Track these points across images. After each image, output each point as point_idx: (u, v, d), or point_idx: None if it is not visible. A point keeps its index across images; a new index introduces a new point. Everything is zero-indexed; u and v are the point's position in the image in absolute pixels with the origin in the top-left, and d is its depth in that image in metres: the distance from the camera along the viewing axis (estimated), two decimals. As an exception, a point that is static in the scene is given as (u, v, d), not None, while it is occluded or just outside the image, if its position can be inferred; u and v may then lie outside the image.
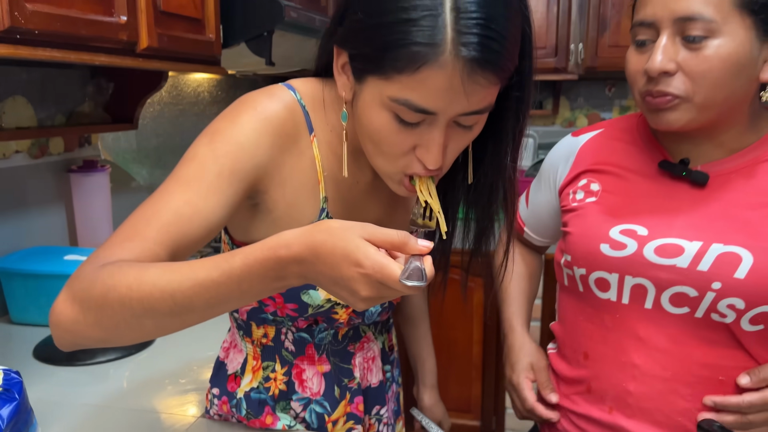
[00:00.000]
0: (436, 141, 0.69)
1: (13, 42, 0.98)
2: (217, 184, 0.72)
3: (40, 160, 1.56)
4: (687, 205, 0.87)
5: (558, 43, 2.51)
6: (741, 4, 0.78)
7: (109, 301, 0.62)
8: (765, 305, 0.81)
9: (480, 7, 0.62)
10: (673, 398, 0.87)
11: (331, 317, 0.87)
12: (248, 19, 1.62)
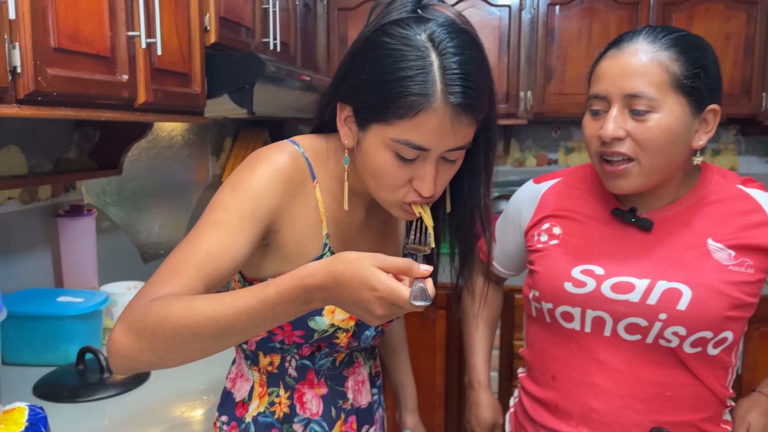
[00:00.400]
0: (429, 173, 0.84)
1: (36, 104, 1.08)
2: (240, 226, 0.85)
3: (29, 206, 1.62)
4: (636, 248, 1.04)
5: (509, 90, 2.73)
6: (677, 87, 0.96)
7: (161, 329, 0.74)
8: (702, 331, 0.97)
9: (460, 65, 0.80)
10: (629, 413, 1.02)
11: (333, 342, 0.99)
12: (231, 73, 1.74)
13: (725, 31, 2.59)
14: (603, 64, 1.01)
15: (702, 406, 1.03)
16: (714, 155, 3.04)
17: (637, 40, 0.98)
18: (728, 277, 0.98)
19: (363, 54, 0.85)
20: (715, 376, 1.02)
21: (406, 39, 0.81)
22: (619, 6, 2.63)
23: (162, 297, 0.77)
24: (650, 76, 0.96)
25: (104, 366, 1.34)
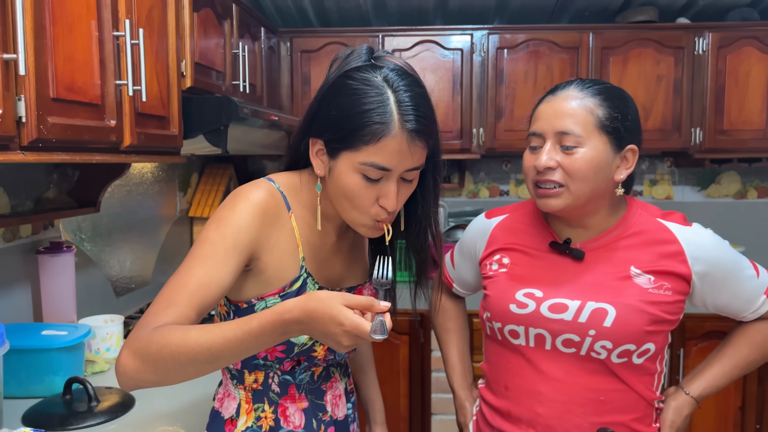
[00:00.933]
0: (393, 190, 0.99)
1: (38, 150, 1.17)
2: (225, 258, 0.98)
3: (11, 244, 1.68)
4: (570, 274, 1.19)
5: (462, 127, 2.92)
6: (599, 126, 1.13)
7: (163, 355, 0.88)
8: (626, 344, 1.12)
9: (411, 99, 0.97)
10: (569, 416, 1.16)
11: (312, 355, 1.11)
12: (206, 115, 1.86)
13: (656, 73, 2.85)
14: (540, 108, 1.19)
15: (632, 408, 1.17)
16: (651, 185, 3.29)
17: (569, 88, 1.16)
18: (648, 298, 1.14)
19: (330, 95, 1.01)
20: (642, 382, 1.18)
21: (366, 80, 0.98)
22: (561, 50, 2.86)
23: (162, 326, 0.90)
24: (578, 118, 1.13)
25: (92, 395, 1.41)
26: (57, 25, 1.20)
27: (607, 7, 3.00)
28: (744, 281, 1.19)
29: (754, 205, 3.27)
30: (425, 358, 2.75)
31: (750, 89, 2.82)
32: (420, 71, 2.91)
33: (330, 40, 2.92)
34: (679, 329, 2.64)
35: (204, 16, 1.96)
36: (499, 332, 1.23)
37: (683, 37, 2.83)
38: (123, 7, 1.45)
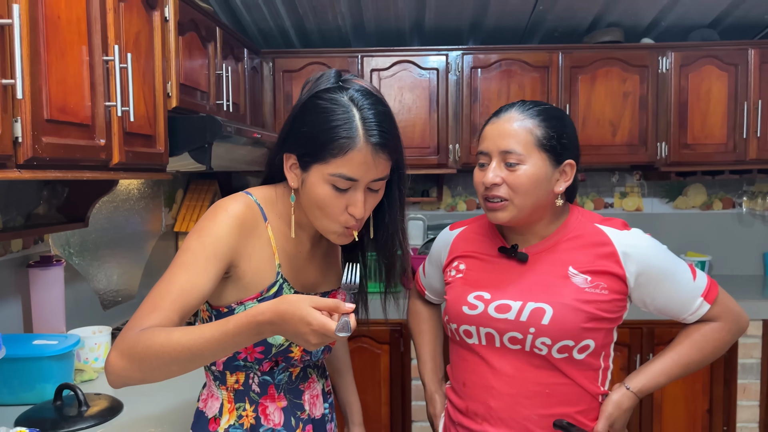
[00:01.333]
0: (360, 199, 1.09)
1: (32, 168, 1.25)
2: (205, 266, 1.07)
3: (3, 258, 1.75)
4: (515, 277, 1.29)
5: (439, 144, 3.03)
6: (538, 145, 1.24)
7: (148, 355, 0.97)
8: (564, 340, 1.22)
9: (375, 116, 1.07)
10: (518, 408, 1.25)
11: (288, 356, 1.19)
12: (191, 133, 1.94)
13: (623, 90, 2.99)
14: (486, 129, 1.30)
15: (576, 401, 1.27)
16: (622, 197, 3.42)
17: (511, 111, 1.28)
18: (584, 297, 1.23)
19: (301, 114, 1.11)
20: (586, 377, 1.27)
21: (333, 100, 1.08)
22: (532, 69, 2.99)
23: (147, 329, 0.99)
24: (519, 138, 1.25)
25: (82, 400, 1.48)
26: (50, 52, 1.29)
27: (575, 28, 3.15)
28: (679, 283, 1.28)
29: (720, 216, 3.41)
30: (405, 366, 2.83)
31: (711, 105, 2.97)
32: (397, 90, 3.05)
33: (311, 61, 3.03)
34: (648, 335, 2.76)
35: (189, 40, 2.06)
36: (456, 333, 1.33)
37: (647, 56, 2.98)
38: (112, 33, 1.54)
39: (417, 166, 3.06)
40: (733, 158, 2.99)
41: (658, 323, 2.75)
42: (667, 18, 3.05)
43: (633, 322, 2.74)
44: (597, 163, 3.07)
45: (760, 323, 2.74)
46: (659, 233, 3.34)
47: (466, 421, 1.32)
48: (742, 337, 2.74)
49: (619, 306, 1.27)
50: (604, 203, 3.42)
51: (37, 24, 1.25)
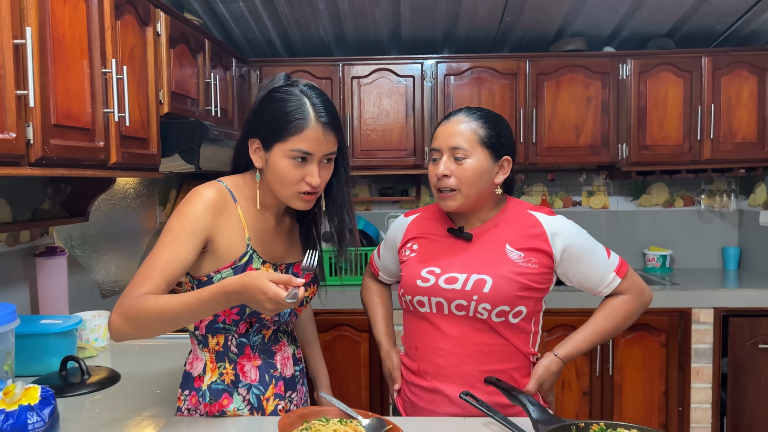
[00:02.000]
0: (315, 170, 1.33)
1: (42, 166, 1.46)
2: (185, 241, 1.30)
3: (13, 248, 1.96)
4: (461, 253, 1.51)
5: (416, 146, 3.25)
6: (481, 143, 1.47)
7: (140, 317, 1.20)
8: (501, 306, 1.43)
9: (322, 103, 1.33)
10: (463, 366, 1.46)
11: (261, 317, 1.40)
12: (181, 137, 2.16)
13: (586, 95, 3.21)
14: (438, 129, 1.53)
15: (511, 359, 1.48)
16: (589, 196, 3.63)
17: (459, 114, 1.51)
18: (518, 270, 1.45)
19: (261, 106, 1.36)
20: (519, 339, 1.48)
21: (288, 92, 1.34)
22: (501, 76, 3.21)
23: (140, 296, 1.22)
24: (465, 136, 1.47)
25: (84, 369, 1.68)
26: (57, 66, 1.51)
27: (541, 37, 3.37)
28: (597, 260, 1.50)
29: (681, 213, 3.63)
30: (383, 353, 3.04)
31: (668, 109, 3.19)
32: (376, 96, 3.28)
33: (296, 68, 3.24)
34: (608, 322, 2.96)
35: (179, 51, 2.27)
36: (410, 304, 1.54)
37: (609, 63, 3.20)
38: (110, 48, 1.76)
39: (395, 167, 3.28)
40: (689, 158, 3.21)
41: (617, 311, 2.95)
42: (627, 28, 3.27)
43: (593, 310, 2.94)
44: (563, 163, 3.28)
45: (712, 311, 2.95)
46: (624, 229, 3.58)
47: (417, 380, 1.53)
48: (696, 324, 2.95)
49: (546, 278, 1.49)
50: (572, 201, 3.64)
51: (46, 42, 1.46)
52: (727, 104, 3.17)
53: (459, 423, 1.40)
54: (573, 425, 1.20)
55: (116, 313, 1.23)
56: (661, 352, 2.99)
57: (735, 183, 3.58)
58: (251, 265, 1.37)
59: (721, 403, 3.00)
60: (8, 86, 1.33)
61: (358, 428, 1.29)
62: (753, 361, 2.92)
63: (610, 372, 2.98)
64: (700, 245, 3.62)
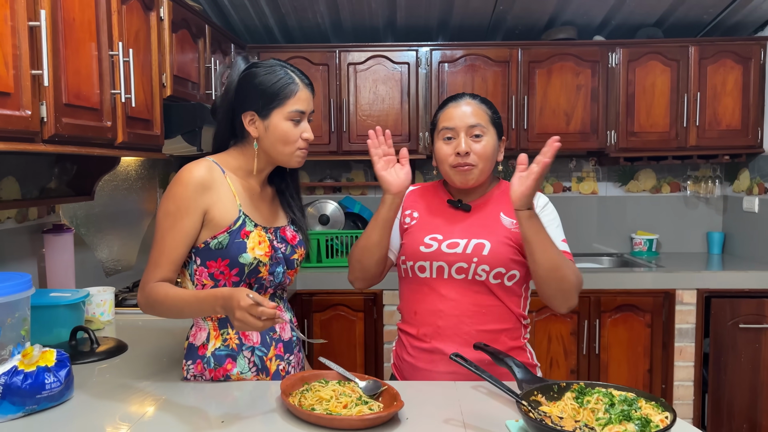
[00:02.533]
0: (308, 126, 1.51)
1: (54, 143, 1.54)
2: (183, 223, 1.44)
3: (22, 224, 2.04)
4: (461, 222, 1.60)
5: (410, 131, 3.33)
6: (491, 122, 1.58)
7: (156, 307, 1.43)
8: (498, 267, 1.53)
9: (298, 70, 1.51)
10: (461, 326, 1.56)
11: (258, 276, 1.49)
12: (183, 119, 2.23)
13: (576, 83, 3.30)
14: (448, 110, 1.61)
15: (505, 320, 1.58)
16: (579, 182, 3.73)
17: (466, 98, 1.61)
18: (512, 236, 1.56)
19: (246, 83, 1.48)
20: (512, 301, 1.59)
21: (268, 65, 1.50)
22: (494, 64, 3.29)
23: (154, 285, 1.41)
24: (480, 116, 1.58)
25: (93, 339, 1.77)
26: (68, 48, 1.58)
27: (533, 26, 3.45)
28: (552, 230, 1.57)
29: (667, 199, 3.73)
30: (378, 332, 3.14)
31: (656, 97, 3.28)
32: (372, 82, 3.36)
33: (293, 55, 3.31)
34: (595, 303, 3.07)
35: (181, 36, 2.34)
36: (410, 270, 1.63)
37: (598, 52, 3.28)
38: (116, 32, 1.83)
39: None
40: (675, 145, 3.30)
41: (604, 292, 3.07)
42: (616, 17, 3.35)
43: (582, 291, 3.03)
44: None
45: (695, 292, 3.06)
46: (613, 214, 3.69)
47: (417, 343, 1.62)
48: (680, 305, 3.06)
49: None
50: (562, 187, 3.73)
51: (57, 25, 1.53)
52: (712, 92, 3.27)
53: (450, 386, 1.49)
54: (555, 384, 1.29)
55: (140, 297, 1.45)
56: (645, 331, 3.09)
57: (720, 169, 3.68)
58: (245, 228, 1.47)
59: (703, 380, 3.12)
60: (24, 66, 1.40)
61: (355, 389, 1.37)
62: (734, 340, 3.03)
63: (597, 351, 3.09)
64: (686, 230, 3.72)
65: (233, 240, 1.45)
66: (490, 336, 1.55)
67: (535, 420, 1.14)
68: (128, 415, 1.33)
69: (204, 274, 1.48)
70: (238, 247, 1.45)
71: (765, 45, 3.25)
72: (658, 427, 1.10)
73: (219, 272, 1.47)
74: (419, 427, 1.26)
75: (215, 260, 1.46)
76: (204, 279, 1.48)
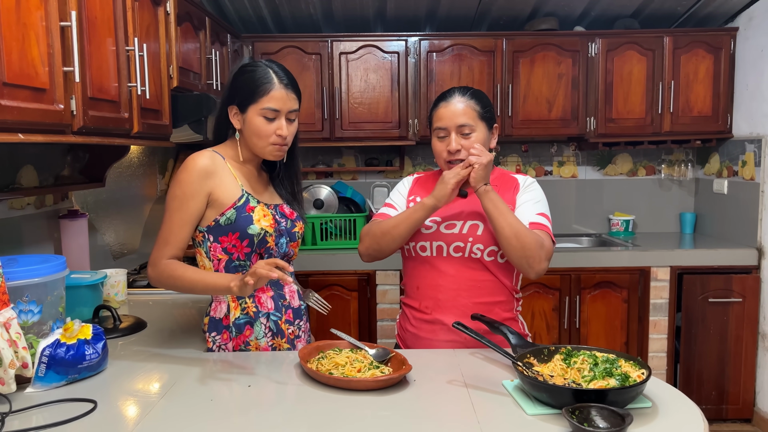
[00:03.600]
0: (283, 124, 1.61)
1: (82, 134, 1.65)
2: (189, 204, 1.60)
3: (40, 210, 2.14)
4: (458, 206, 1.75)
5: (400, 119, 3.47)
6: (480, 117, 1.71)
7: (168, 284, 1.58)
8: (491, 246, 1.69)
9: (281, 70, 1.63)
10: (458, 299, 1.72)
11: (267, 246, 1.64)
12: (190, 109, 2.35)
13: (557, 72, 3.46)
14: (440, 111, 1.74)
15: (499, 293, 1.74)
16: (560, 166, 3.91)
17: (455, 95, 1.73)
18: None
19: (235, 80, 1.65)
20: (505, 276, 1.75)
21: (254, 65, 1.63)
22: (480, 53, 3.44)
23: (167, 263, 1.57)
24: (468, 115, 1.71)
25: (116, 316, 1.89)
26: (91, 44, 1.69)
27: (517, 17, 3.59)
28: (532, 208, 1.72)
29: (643, 182, 3.93)
30: (372, 310, 3.30)
31: (632, 85, 3.46)
32: (363, 71, 3.49)
33: (286, 44, 3.42)
34: (576, 280, 3.26)
35: (185, 29, 2.44)
36: (413, 249, 1.78)
37: (579, 42, 3.44)
38: (131, 27, 1.94)
39: (380, 138, 3.49)
40: (651, 131, 3.49)
41: (583, 270, 3.26)
42: (596, 8, 3.51)
43: (563, 270, 3.24)
44: (536, 135, 3.54)
45: (668, 269, 3.26)
46: (591, 197, 3.88)
47: (419, 315, 1.78)
48: (654, 281, 3.26)
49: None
50: (544, 171, 3.91)
51: (82, 24, 1.64)
52: (685, 81, 3.45)
53: (450, 353, 1.66)
54: (545, 348, 1.46)
55: (151, 272, 1.59)
56: (623, 307, 3.30)
57: (692, 153, 3.89)
58: (249, 204, 1.63)
59: (675, 351, 3.33)
60: (57, 63, 1.51)
61: (366, 356, 1.53)
62: (703, 314, 3.25)
63: (577, 325, 3.29)
64: (660, 211, 3.93)
65: (240, 214, 1.61)
66: (485, 308, 1.71)
67: (530, 377, 1.30)
68: (161, 382, 1.47)
69: (218, 250, 1.63)
70: (246, 220, 1.61)
71: (735, 35, 3.44)
72: (635, 381, 1.27)
73: (231, 245, 1.62)
74: (426, 387, 1.42)
75: (226, 235, 1.61)
76: (219, 254, 1.63)
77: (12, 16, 1.34)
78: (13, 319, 1.33)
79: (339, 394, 1.36)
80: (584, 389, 1.24)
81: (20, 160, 2.05)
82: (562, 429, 1.18)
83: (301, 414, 1.28)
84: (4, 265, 1.40)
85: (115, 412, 1.30)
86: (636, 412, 1.23)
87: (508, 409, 1.29)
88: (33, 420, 1.24)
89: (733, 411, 3.31)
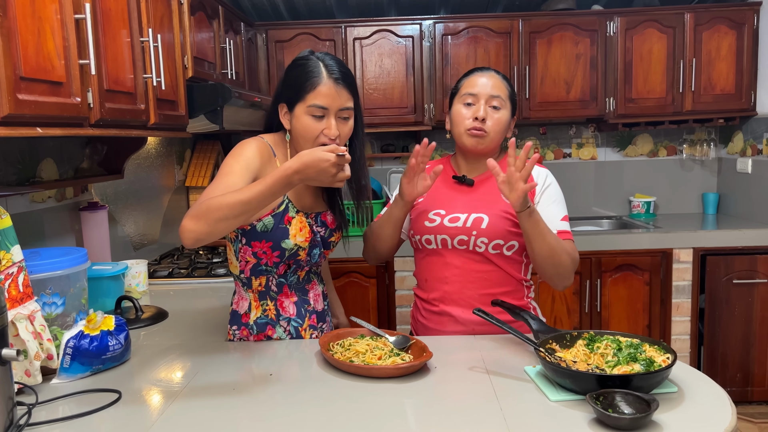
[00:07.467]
0: (332, 123, 1.50)
1: (100, 127, 1.66)
2: (240, 174, 1.47)
3: (61, 203, 2.16)
4: (463, 197, 1.73)
5: (416, 103, 3.44)
6: (510, 98, 1.70)
7: (211, 211, 1.32)
8: (496, 240, 1.66)
9: (334, 62, 1.52)
10: (465, 291, 1.70)
11: (297, 258, 1.61)
12: (206, 99, 2.34)
13: (575, 52, 3.40)
14: (473, 78, 1.72)
15: (506, 284, 1.71)
16: (579, 148, 3.86)
17: (490, 70, 1.73)
18: (510, 210, 1.66)
19: (286, 75, 1.56)
20: (513, 267, 1.71)
21: (305, 58, 1.54)
22: (496, 35, 3.39)
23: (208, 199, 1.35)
24: (501, 89, 1.70)
25: (138, 307, 1.91)
26: (106, 36, 1.69)
27: (533, -3, 3.54)
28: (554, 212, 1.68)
29: (664, 162, 3.87)
30: (390, 297, 3.30)
31: (652, 64, 3.39)
32: (377, 56, 3.47)
33: (300, 31, 3.40)
34: (596, 263, 3.23)
35: (198, 19, 2.44)
36: (419, 242, 1.77)
37: (597, 21, 3.38)
38: (145, 18, 1.93)
39: (396, 124, 3.47)
40: (672, 110, 3.42)
41: (604, 253, 3.22)
42: (614, -13, 3.44)
43: (583, 253, 3.21)
44: (554, 117, 3.49)
45: (691, 251, 3.22)
46: (612, 178, 3.83)
47: (428, 306, 1.77)
48: (677, 263, 3.22)
49: None
50: (563, 153, 3.86)
51: (97, 16, 1.64)
52: (707, 58, 3.38)
53: (470, 339, 1.65)
54: (567, 334, 1.45)
55: (188, 218, 1.34)
56: (644, 289, 3.26)
57: (714, 132, 3.81)
58: (288, 214, 1.58)
59: (699, 334, 3.30)
60: (73, 56, 1.51)
61: (387, 343, 1.53)
62: (727, 295, 3.20)
63: (599, 309, 3.26)
64: (682, 191, 3.87)
65: (277, 224, 1.55)
66: (493, 299, 1.69)
67: (553, 364, 1.29)
68: (184, 371, 1.48)
69: (248, 252, 1.59)
70: (282, 233, 1.55)
71: (758, 10, 3.36)
72: (660, 366, 1.26)
73: (262, 252, 1.57)
74: (447, 374, 1.42)
75: (260, 241, 1.56)
76: (248, 257, 1.59)
77: (27, 9, 1.34)
78: (37, 311, 1.35)
79: (360, 382, 1.36)
80: (609, 375, 1.23)
81: (40, 154, 2.06)
82: (586, 415, 1.17)
83: (324, 402, 1.28)
84: (27, 258, 1.41)
85: (140, 401, 1.32)
86: (661, 398, 1.21)
87: (531, 395, 1.28)
88: (59, 411, 1.26)
89: (758, 393, 3.26)
